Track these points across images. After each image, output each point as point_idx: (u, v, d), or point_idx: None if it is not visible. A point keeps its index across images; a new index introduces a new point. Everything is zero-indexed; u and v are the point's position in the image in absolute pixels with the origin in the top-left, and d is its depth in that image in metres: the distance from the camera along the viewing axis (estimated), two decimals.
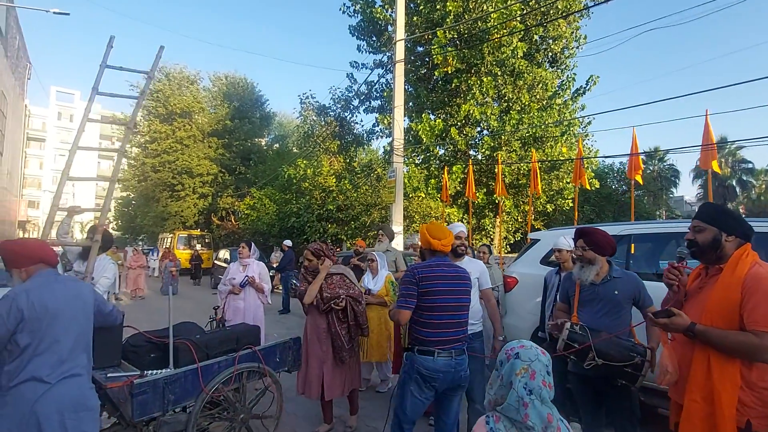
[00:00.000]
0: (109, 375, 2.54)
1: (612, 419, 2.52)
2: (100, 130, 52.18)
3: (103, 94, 3.47)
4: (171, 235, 21.80)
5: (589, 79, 14.48)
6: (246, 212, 19.05)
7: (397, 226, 9.45)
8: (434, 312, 2.36)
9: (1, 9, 12.63)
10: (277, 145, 28.80)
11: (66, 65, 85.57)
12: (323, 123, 19.40)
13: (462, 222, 13.24)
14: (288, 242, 10.83)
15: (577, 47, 15.24)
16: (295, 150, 24.10)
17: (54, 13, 9.24)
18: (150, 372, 2.57)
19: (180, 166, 22.99)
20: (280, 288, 10.26)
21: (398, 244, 9.05)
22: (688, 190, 71.25)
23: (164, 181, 23.15)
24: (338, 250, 13.81)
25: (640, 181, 7.98)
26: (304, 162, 16.60)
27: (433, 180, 14.21)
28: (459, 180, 13.44)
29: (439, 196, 12.93)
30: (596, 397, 2.54)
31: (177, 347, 2.73)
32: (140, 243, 29.28)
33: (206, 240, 22.02)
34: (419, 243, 3.61)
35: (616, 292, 2.52)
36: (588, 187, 10.36)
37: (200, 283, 16.26)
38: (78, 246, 3.51)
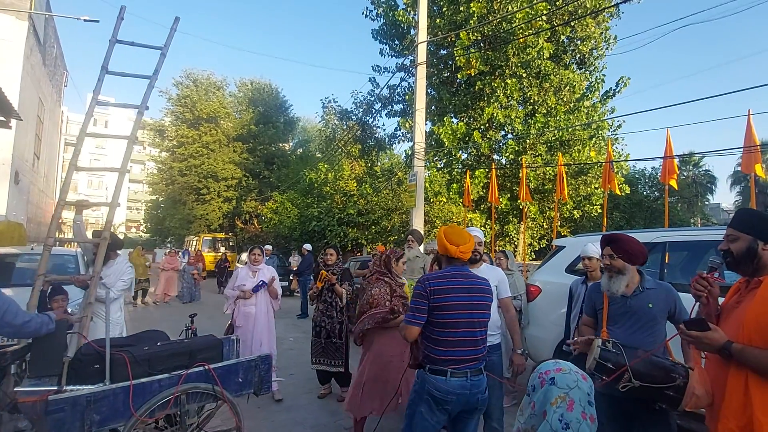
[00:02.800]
0: (19, 388, 2.26)
1: None
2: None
3: (112, 74, 3.37)
4: (196, 237, 22.30)
5: (619, 80, 13.94)
6: (269, 216, 19.26)
7: None
8: (447, 329, 2.15)
9: (40, 19, 13.23)
10: (300, 150, 29.12)
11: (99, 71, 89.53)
12: (345, 127, 19.44)
13: (485, 228, 12.93)
14: (308, 246, 10.80)
15: (607, 48, 14.73)
16: (318, 155, 24.29)
17: (84, 20, 9.61)
18: (71, 387, 2.29)
19: (206, 170, 23.51)
20: (299, 291, 10.22)
21: (419, 249, 8.85)
22: (725, 197, 67.89)
23: (191, 185, 23.71)
24: (358, 254, 13.73)
25: (675, 186, 7.51)
26: (326, 166, 16.64)
27: (455, 184, 13.96)
28: (482, 185, 13.15)
29: (461, 200, 12.67)
30: (627, 420, 2.30)
31: (113, 360, 2.43)
32: (168, 245, 30.12)
33: (230, 243, 22.39)
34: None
35: (650, 306, 2.28)
36: (618, 192, 9.90)
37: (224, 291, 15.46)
38: (89, 243, 3.45)
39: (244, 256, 16.17)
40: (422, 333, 2.21)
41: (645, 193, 22.21)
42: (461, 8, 12.98)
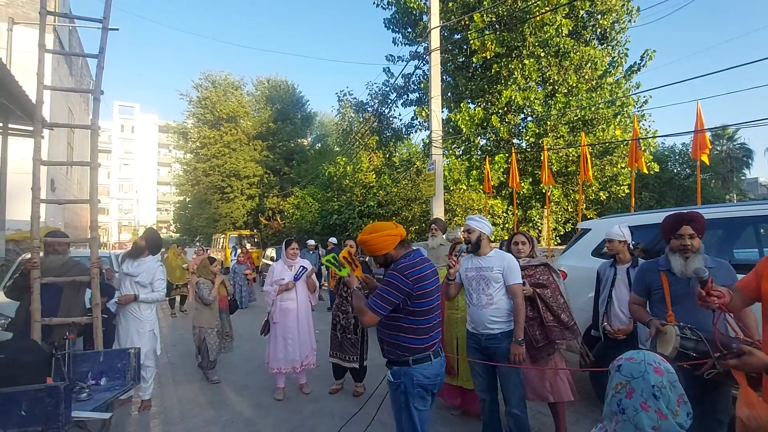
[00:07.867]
0: None
1: (699, 422, 2.19)
2: (158, 140, 55.94)
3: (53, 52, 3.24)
4: (223, 235, 22.91)
5: (643, 54, 13.35)
6: (291, 211, 19.54)
7: None
8: (427, 315, 2.15)
9: (64, 31, 13.69)
10: (318, 145, 29.33)
11: (124, 79, 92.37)
12: (361, 119, 19.42)
13: (506, 214, 12.73)
14: (333, 239, 10.89)
15: (629, 21, 14.10)
16: (336, 148, 24.42)
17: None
18: None
19: (228, 169, 24.04)
20: (326, 285, 10.39)
21: (442, 237, 8.80)
22: (763, 170, 64.46)
23: (215, 184, 24.32)
24: None
25: (707, 162, 7.15)
26: (344, 159, 16.69)
27: (474, 171, 13.76)
28: (502, 170, 12.92)
29: (481, 187, 12.49)
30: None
31: None
32: (197, 244, 30.96)
33: (255, 239, 22.88)
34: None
35: None
36: (646, 171, 9.54)
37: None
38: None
39: (269, 251, 16.60)
40: (400, 327, 2.14)
41: (675, 170, 21.28)
42: None
